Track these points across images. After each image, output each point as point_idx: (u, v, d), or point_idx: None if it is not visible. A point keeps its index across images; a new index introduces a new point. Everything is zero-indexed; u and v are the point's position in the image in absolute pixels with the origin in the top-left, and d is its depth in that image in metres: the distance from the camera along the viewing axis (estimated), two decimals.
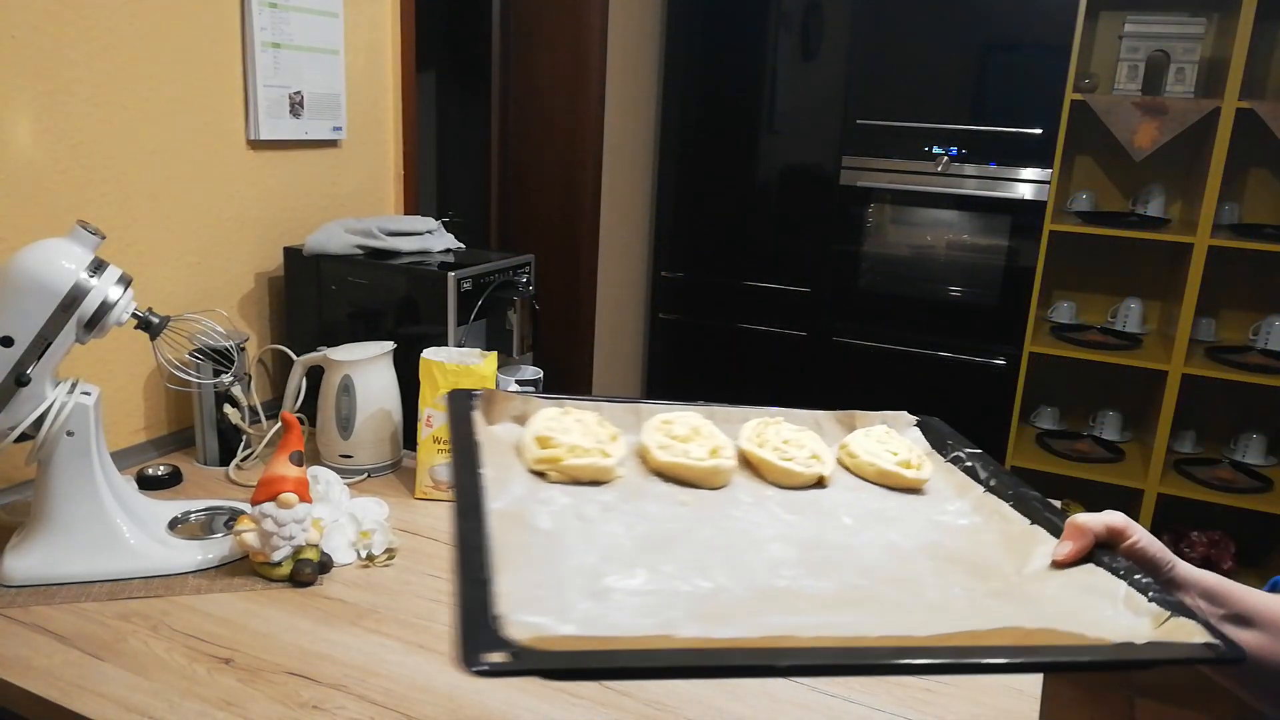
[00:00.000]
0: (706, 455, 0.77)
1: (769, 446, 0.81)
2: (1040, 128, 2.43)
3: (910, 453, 0.84)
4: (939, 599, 0.63)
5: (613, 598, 0.57)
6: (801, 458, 0.80)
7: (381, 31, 1.67)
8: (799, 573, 0.64)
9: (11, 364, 0.92)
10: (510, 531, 0.63)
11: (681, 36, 2.83)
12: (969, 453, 0.85)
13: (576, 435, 0.76)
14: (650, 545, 0.66)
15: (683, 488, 0.76)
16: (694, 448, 0.78)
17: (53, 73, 1.14)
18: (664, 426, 0.82)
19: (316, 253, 1.41)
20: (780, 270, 2.82)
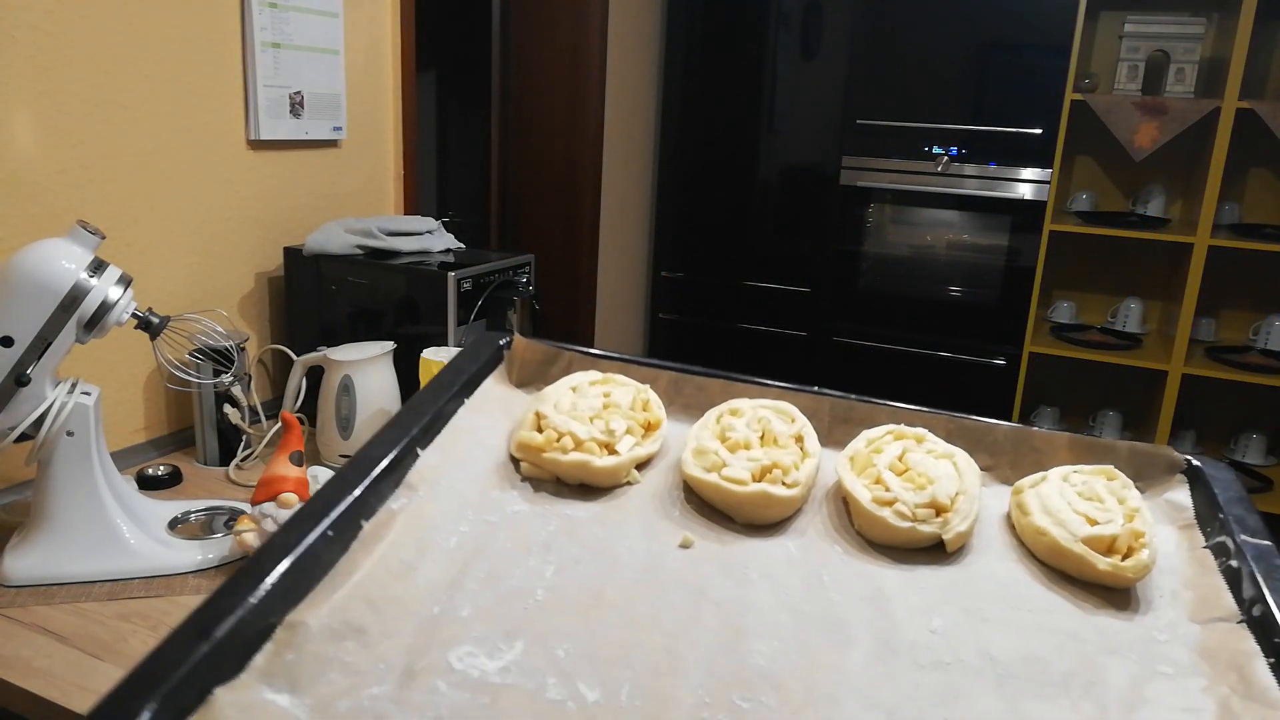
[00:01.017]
0: (751, 475, 0.54)
1: (872, 477, 0.55)
2: (1040, 128, 2.43)
3: (1122, 519, 0.52)
4: None
5: (430, 684, 0.42)
6: (912, 503, 0.52)
7: (381, 31, 1.67)
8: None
9: (11, 364, 0.92)
10: (372, 551, 0.49)
11: (681, 36, 2.83)
12: (1248, 543, 0.50)
13: (581, 418, 0.59)
14: (564, 606, 0.47)
15: (713, 521, 0.55)
16: (741, 460, 0.55)
17: (53, 73, 1.14)
18: (726, 419, 0.60)
19: (316, 253, 1.41)
20: (780, 270, 2.82)
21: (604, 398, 0.62)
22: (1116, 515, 0.53)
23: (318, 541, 0.50)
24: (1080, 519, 0.52)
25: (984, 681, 0.44)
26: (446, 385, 0.66)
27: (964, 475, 0.57)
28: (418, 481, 0.57)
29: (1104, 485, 0.57)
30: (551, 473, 0.58)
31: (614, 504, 0.57)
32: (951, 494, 0.54)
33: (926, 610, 0.49)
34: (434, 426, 0.62)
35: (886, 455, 0.57)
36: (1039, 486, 0.57)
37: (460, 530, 0.54)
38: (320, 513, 0.51)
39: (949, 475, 0.55)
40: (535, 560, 0.52)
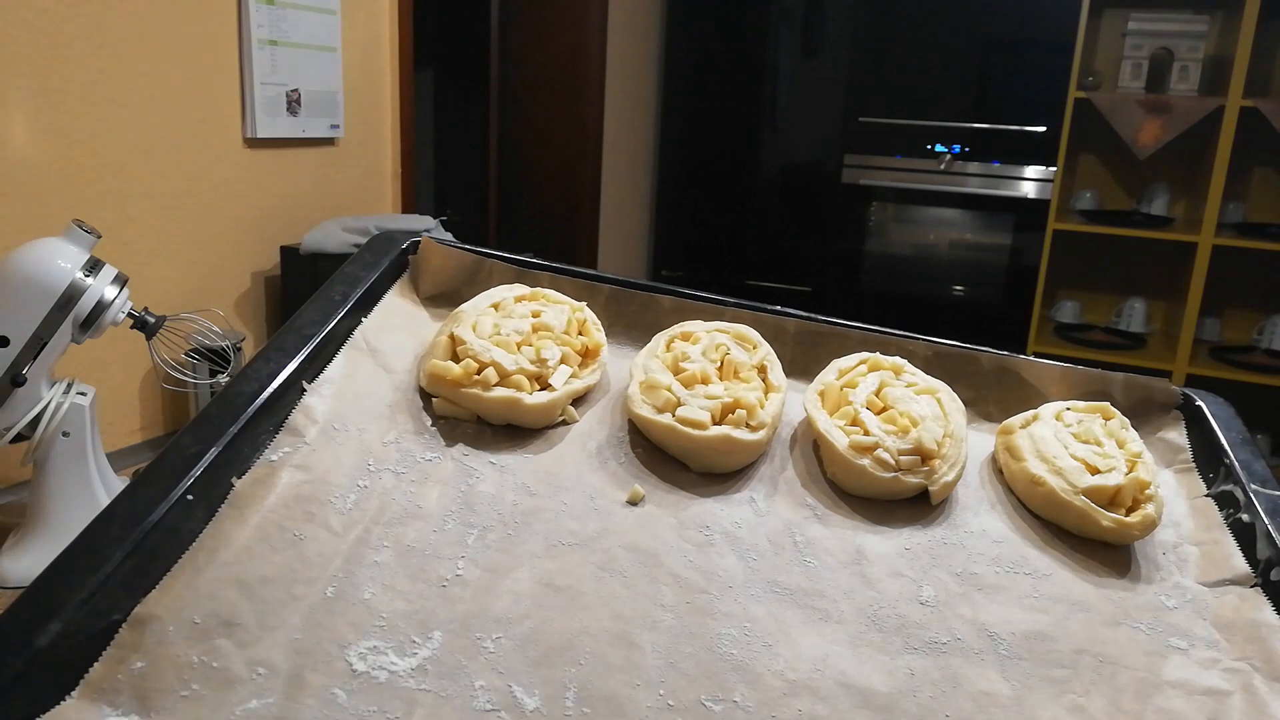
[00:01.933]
0: (711, 416, 0.47)
1: (848, 416, 0.49)
2: (1044, 126, 2.42)
3: (1124, 468, 0.47)
4: None
5: (326, 693, 0.34)
6: (895, 449, 0.47)
7: (379, 29, 1.66)
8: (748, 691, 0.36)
9: (7, 364, 0.92)
10: (246, 519, 0.40)
11: (681, 35, 2.82)
12: (1261, 494, 0.45)
13: (507, 344, 0.49)
14: (493, 584, 0.40)
15: (665, 468, 0.47)
16: (699, 399, 0.47)
17: (49, 70, 1.14)
18: (679, 345, 0.52)
19: (313, 251, 1.40)
20: (781, 269, 2.81)
21: (533, 318, 0.51)
22: (1118, 462, 0.48)
23: (173, 509, 0.39)
24: (1079, 466, 0.47)
25: (986, 666, 0.40)
26: (337, 300, 0.52)
27: (950, 415, 0.50)
28: (304, 425, 0.46)
29: (1101, 426, 0.51)
30: (471, 411, 0.48)
31: (548, 450, 0.47)
32: (938, 438, 0.47)
33: (915, 577, 0.43)
34: (322, 353, 0.50)
35: (862, 390, 0.50)
36: (1031, 427, 0.51)
37: (359, 485, 0.44)
38: (176, 470, 0.40)
39: (934, 415, 0.49)
40: (454, 524, 0.43)
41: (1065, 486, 0.47)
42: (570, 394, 0.50)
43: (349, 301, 0.54)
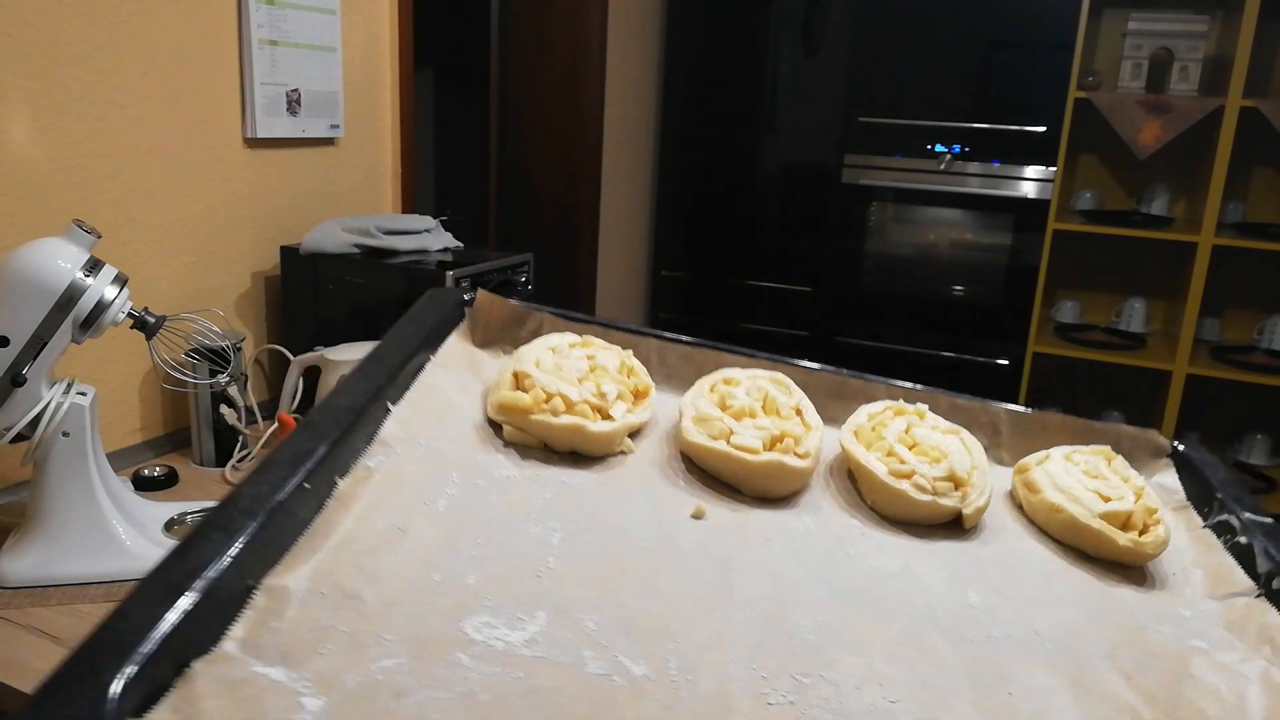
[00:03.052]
0: (762, 444, 0.52)
1: (883, 450, 0.54)
2: (1044, 126, 2.42)
3: (1132, 497, 0.53)
4: None
5: (450, 656, 0.38)
6: (930, 476, 0.52)
7: (379, 29, 1.66)
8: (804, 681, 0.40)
9: (7, 364, 0.92)
10: (351, 510, 0.45)
11: (681, 35, 2.83)
12: (1254, 520, 0.51)
13: (569, 380, 0.54)
14: (582, 575, 0.44)
15: (721, 492, 0.52)
16: (749, 429, 0.53)
17: (49, 70, 1.14)
18: (722, 389, 0.57)
19: (313, 251, 1.41)
20: (782, 269, 2.81)
21: (588, 360, 0.56)
22: (1126, 492, 0.54)
23: (294, 494, 0.43)
24: (1093, 495, 0.53)
25: (1035, 656, 0.44)
26: (409, 338, 0.59)
27: (973, 450, 0.56)
28: (393, 439, 0.51)
29: (1105, 465, 0.57)
30: (539, 437, 0.53)
31: (611, 473, 0.52)
32: (967, 468, 0.53)
33: (959, 584, 0.48)
34: (401, 380, 0.56)
35: (892, 430, 0.56)
36: (1045, 464, 0.57)
37: (447, 493, 0.48)
38: (293, 462, 0.45)
39: (959, 450, 0.55)
40: (537, 527, 0.47)
41: (1083, 512, 0.53)
42: (629, 426, 0.55)
43: (418, 339, 0.61)
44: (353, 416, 0.50)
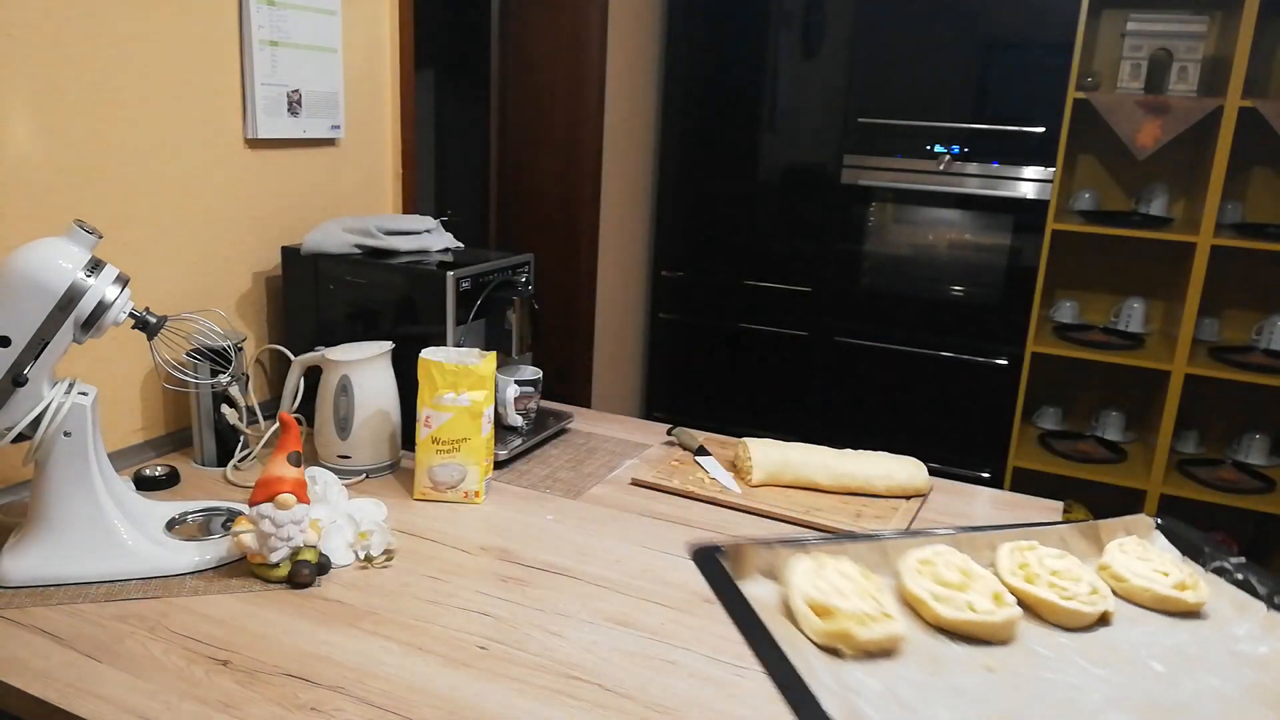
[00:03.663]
0: (992, 605, 0.72)
1: (1041, 582, 0.77)
2: (1043, 126, 2.42)
3: (1179, 570, 0.81)
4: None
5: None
6: (1083, 594, 0.76)
7: (380, 29, 1.66)
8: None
9: (9, 364, 0.92)
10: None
11: (681, 35, 2.83)
12: (1236, 563, 0.83)
13: (852, 596, 0.70)
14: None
15: (975, 646, 0.69)
16: (976, 598, 0.73)
17: (50, 71, 1.14)
18: (926, 569, 0.76)
19: (314, 252, 1.41)
20: (781, 270, 2.81)
21: (840, 574, 0.74)
22: (1170, 566, 0.81)
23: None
24: (1159, 574, 0.79)
25: (1204, 689, 0.69)
26: (747, 622, 0.75)
27: (1081, 563, 0.81)
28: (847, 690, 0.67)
29: (1141, 547, 0.84)
30: (864, 649, 0.70)
31: (920, 659, 0.70)
32: (1093, 580, 0.78)
33: (1140, 659, 0.72)
34: (776, 648, 0.73)
35: (1033, 560, 0.79)
36: (1115, 562, 0.83)
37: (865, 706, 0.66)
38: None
39: (1078, 564, 0.79)
40: (930, 712, 0.64)
41: (1163, 586, 0.80)
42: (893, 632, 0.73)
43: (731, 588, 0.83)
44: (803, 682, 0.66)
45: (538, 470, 1.35)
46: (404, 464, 1.32)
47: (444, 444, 1.19)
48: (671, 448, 1.46)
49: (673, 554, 1.10)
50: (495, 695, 0.82)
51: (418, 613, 0.95)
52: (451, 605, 0.97)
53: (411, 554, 1.08)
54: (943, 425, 2.65)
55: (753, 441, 1.34)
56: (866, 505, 1.25)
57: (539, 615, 0.96)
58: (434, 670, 0.85)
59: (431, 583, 1.02)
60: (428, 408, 1.19)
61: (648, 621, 0.94)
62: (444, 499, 1.22)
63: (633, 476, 1.32)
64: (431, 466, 1.21)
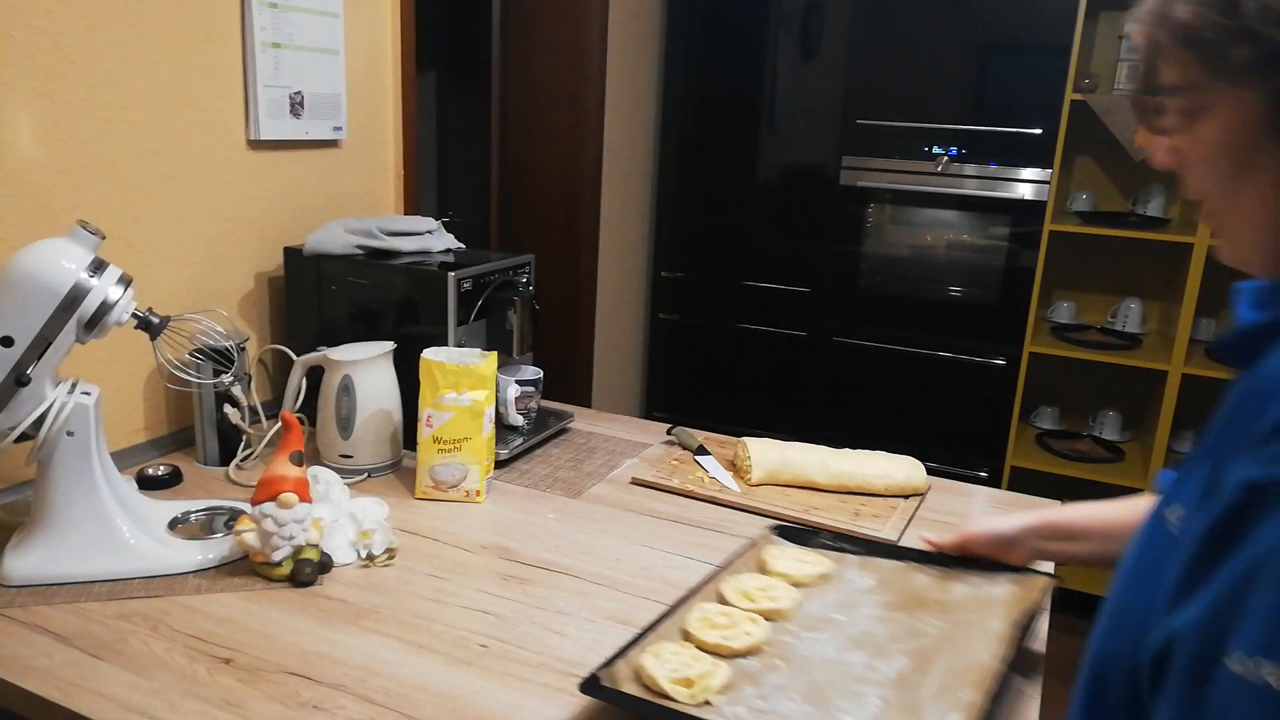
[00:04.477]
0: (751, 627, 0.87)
1: (750, 599, 0.93)
2: (1040, 128, 2.43)
3: (811, 557, 1.01)
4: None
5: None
6: (774, 593, 0.93)
7: (381, 31, 1.67)
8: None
9: (12, 364, 0.92)
10: None
11: (681, 37, 2.83)
12: (833, 537, 1.05)
13: (692, 662, 0.81)
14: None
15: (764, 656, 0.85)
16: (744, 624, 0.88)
17: (53, 72, 1.14)
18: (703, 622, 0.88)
19: (317, 253, 1.41)
20: (780, 270, 2.82)
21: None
22: (808, 557, 1.03)
23: None
24: (801, 564, 1.01)
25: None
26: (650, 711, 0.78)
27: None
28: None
29: (788, 550, 1.05)
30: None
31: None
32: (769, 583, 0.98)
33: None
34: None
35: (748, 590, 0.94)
36: (776, 565, 1.01)
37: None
38: None
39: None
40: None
41: (805, 572, 1.00)
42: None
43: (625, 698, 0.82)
44: None
45: (538, 469, 1.35)
46: (405, 463, 1.33)
47: (445, 443, 1.20)
48: (671, 447, 1.46)
49: (672, 553, 1.11)
50: (496, 693, 0.83)
51: (419, 611, 0.96)
52: (453, 604, 0.97)
53: (413, 553, 1.08)
54: (941, 425, 2.66)
55: (752, 441, 1.35)
56: (865, 504, 1.25)
57: (540, 614, 0.96)
58: (435, 668, 0.86)
59: (433, 581, 1.02)
60: (429, 407, 1.20)
61: (647, 619, 0.94)
62: (445, 498, 1.22)
63: (633, 476, 1.33)
64: (433, 466, 1.21)
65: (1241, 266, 0.56)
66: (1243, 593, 0.42)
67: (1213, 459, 0.50)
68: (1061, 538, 0.90)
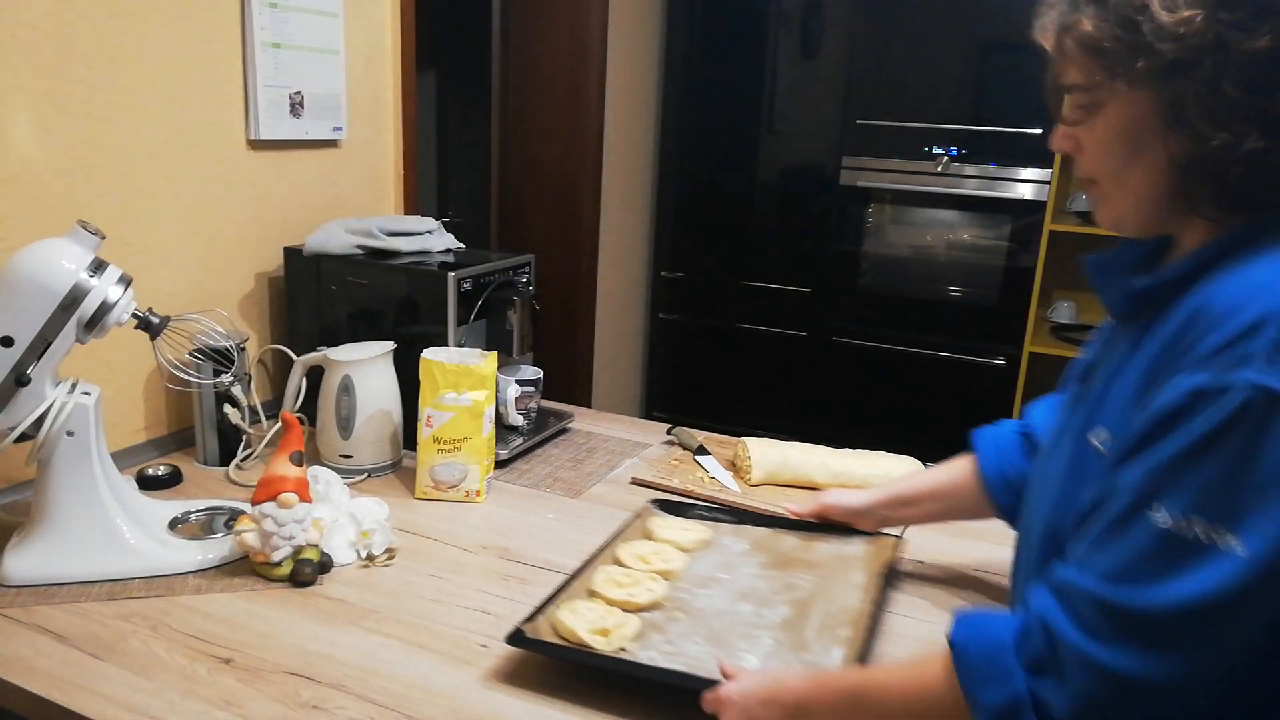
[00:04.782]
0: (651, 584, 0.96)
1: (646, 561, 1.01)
2: (1040, 128, 2.43)
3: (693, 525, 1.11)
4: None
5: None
6: (664, 556, 1.02)
7: (381, 31, 1.67)
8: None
9: (12, 364, 0.92)
10: None
11: (681, 36, 2.83)
12: (708, 506, 1.17)
13: (606, 615, 0.90)
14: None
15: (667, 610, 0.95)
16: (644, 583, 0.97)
17: (53, 72, 1.14)
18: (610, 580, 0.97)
19: (317, 253, 1.41)
20: (780, 270, 2.82)
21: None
22: (690, 526, 1.14)
23: None
24: (683, 533, 1.11)
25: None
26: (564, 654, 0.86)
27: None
28: None
29: (669, 521, 1.16)
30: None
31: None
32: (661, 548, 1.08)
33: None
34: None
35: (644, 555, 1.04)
36: (661, 533, 1.11)
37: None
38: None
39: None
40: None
41: (689, 539, 1.12)
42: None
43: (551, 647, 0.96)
44: None
45: (538, 469, 1.35)
46: (405, 463, 1.33)
47: (445, 443, 1.20)
48: (671, 447, 1.46)
49: None
50: (497, 693, 0.83)
51: (419, 611, 0.96)
52: (453, 604, 0.97)
53: (413, 553, 1.08)
54: (941, 425, 2.66)
55: (752, 441, 1.35)
56: None
57: None
58: (436, 668, 0.86)
59: (433, 581, 1.02)
60: (429, 407, 1.20)
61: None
62: (445, 498, 1.22)
63: (633, 476, 1.33)
64: (433, 466, 1.21)
65: (1117, 230, 0.69)
66: (1177, 467, 0.54)
67: (1140, 384, 0.61)
68: (903, 504, 1.05)
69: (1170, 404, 0.56)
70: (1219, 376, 0.54)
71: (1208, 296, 0.58)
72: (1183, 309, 0.60)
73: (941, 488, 1.03)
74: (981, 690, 0.61)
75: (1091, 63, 0.62)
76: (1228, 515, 0.52)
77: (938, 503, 1.03)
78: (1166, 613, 0.53)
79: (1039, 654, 0.59)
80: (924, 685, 0.67)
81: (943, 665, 0.65)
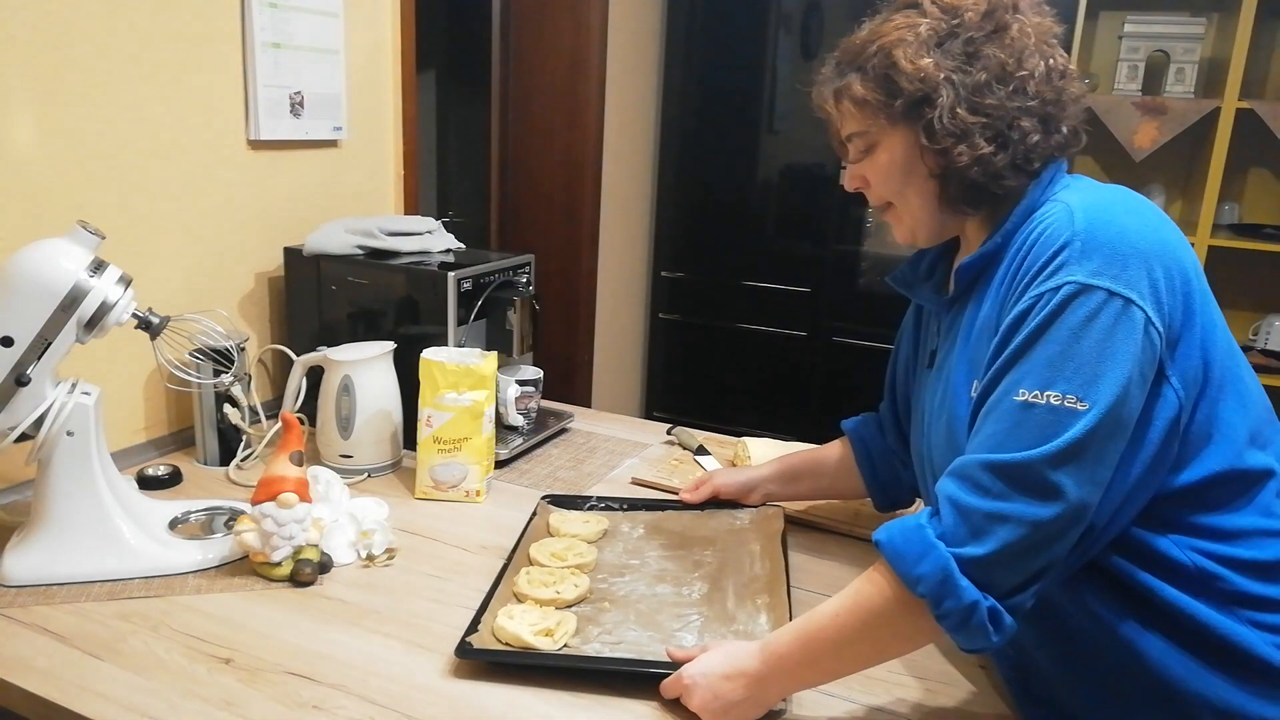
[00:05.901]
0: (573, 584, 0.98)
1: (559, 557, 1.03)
2: None
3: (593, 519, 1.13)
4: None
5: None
6: (575, 552, 1.04)
7: (382, 31, 1.67)
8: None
9: (12, 364, 0.92)
10: None
11: (681, 36, 2.83)
12: (606, 501, 1.19)
13: (540, 618, 0.91)
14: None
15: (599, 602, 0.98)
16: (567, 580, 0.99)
17: (53, 73, 1.14)
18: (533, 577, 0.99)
19: (317, 253, 1.41)
20: (781, 270, 2.82)
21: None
22: (591, 518, 1.16)
23: None
24: (584, 525, 1.14)
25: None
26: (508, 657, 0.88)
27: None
28: None
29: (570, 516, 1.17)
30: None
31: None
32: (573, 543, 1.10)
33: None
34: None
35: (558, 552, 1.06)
36: (565, 529, 1.13)
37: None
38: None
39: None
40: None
41: (590, 530, 1.14)
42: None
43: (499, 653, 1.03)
44: None
45: (538, 469, 1.35)
46: (405, 463, 1.33)
47: (445, 443, 1.20)
48: (671, 447, 1.46)
49: None
50: (497, 693, 0.83)
51: (419, 611, 0.96)
52: (453, 604, 0.97)
53: (413, 552, 1.08)
54: None
55: (752, 441, 1.35)
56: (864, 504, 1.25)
57: None
58: (436, 668, 0.86)
59: (433, 581, 1.02)
60: (429, 407, 1.20)
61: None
62: (445, 498, 1.22)
63: (633, 475, 1.33)
64: (433, 466, 1.21)
65: (912, 242, 0.87)
66: (1029, 354, 0.69)
67: (994, 324, 0.75)
68: (787, 480, 1.16)
69: (1016, 313, 0.71)
70: (1047, 281, 0.70)
71: (1023, 242, 0.74)
72: (1007, 261, 0.76)
73: (820, 464, 1.15)
74: (914, 567, 0.70)
75: (862, 113, 0.82)
76: (1075, 384, 0.67)
77: (817, 479, 1.15)
78: (1045, 460, 0.67)
79: (951, 527, 0.70)
80: (867, 595, 0.74)
81: (878, 571, 0.74)
